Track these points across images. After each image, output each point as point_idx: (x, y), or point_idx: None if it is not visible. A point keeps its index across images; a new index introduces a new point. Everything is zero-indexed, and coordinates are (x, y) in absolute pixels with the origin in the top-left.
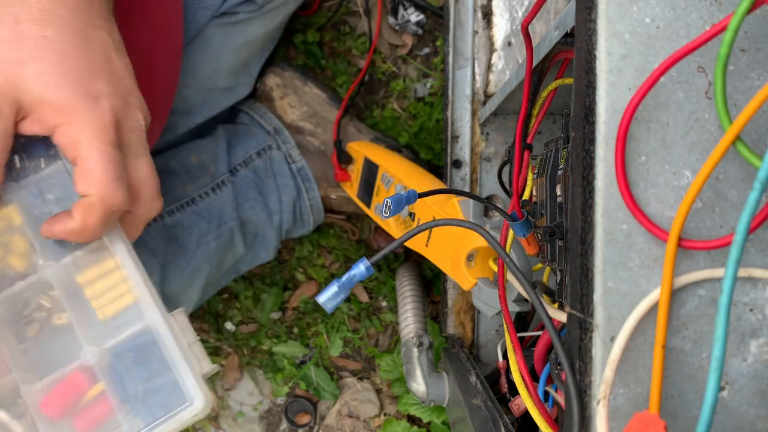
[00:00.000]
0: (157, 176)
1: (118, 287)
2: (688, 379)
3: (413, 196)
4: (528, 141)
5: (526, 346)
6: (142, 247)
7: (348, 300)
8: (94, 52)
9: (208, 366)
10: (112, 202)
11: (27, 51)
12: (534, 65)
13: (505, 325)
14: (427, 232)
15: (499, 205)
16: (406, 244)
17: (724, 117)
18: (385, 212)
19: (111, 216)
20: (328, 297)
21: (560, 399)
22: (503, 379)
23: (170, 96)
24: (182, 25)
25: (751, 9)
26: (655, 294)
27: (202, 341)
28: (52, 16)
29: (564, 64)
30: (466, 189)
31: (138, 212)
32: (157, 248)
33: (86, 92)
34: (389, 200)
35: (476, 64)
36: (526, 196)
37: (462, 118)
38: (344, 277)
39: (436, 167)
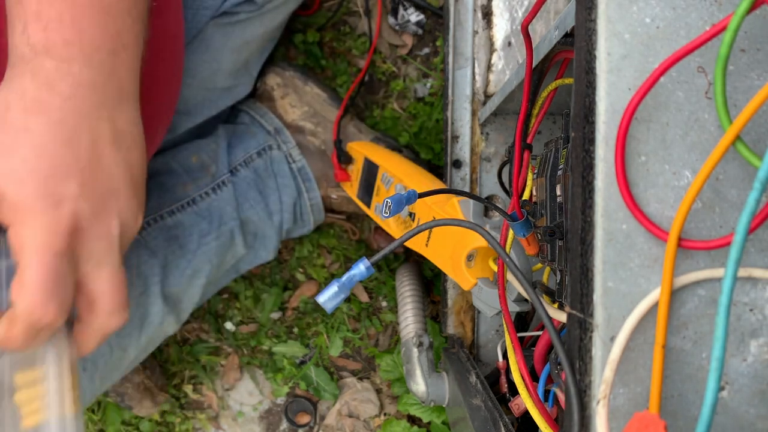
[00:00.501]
0: (123, 289)
1: (41, 400)
2: (688, 379)
3: (413, 196)
4: (528, 141)
5: (526, 346)
6: (142, 248)
7: (348, 300)
8: (78, 149)
9: None
10: (38, 318)
11: (7, 141)
12: (534, 65)
13: (505, 325)
14: (427, 232)
15: (499, 205)
16: (406, 244)
17: (724, 117)
18: (385, 212)
19: (37, 332)
20: (328, 297)
21: (563, 397)
22: (503, 379)
23: (173, 104)
24: (183, 34)
25: (751, 9)
26: (655, 294)
27: (202, 341)
28: (42, 107)
29: (564, 64)
30: (466, 189)
31: (92, 323)
32: (158, 248)
33: (48, 194)
34: (389, 200)
35: (476, 64)
36: (526, 196)
37: (462, 118)
38: (344, 277)
39: (436, 167)
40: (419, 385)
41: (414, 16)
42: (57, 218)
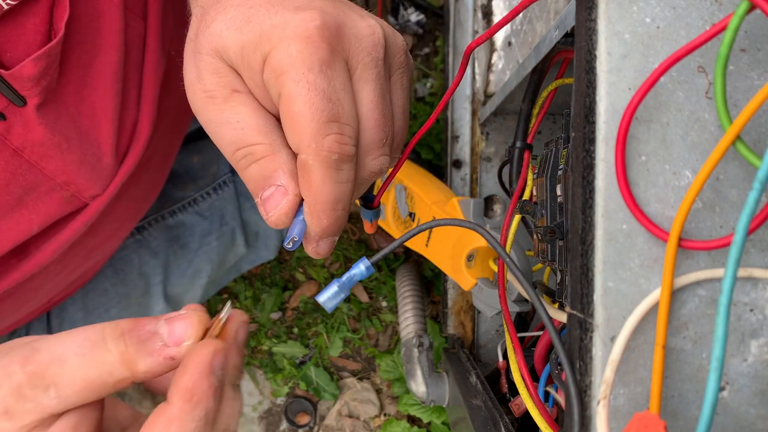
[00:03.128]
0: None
1: None
2: (688, 379)
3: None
4: (528, 141)
5: (527, 346)
6: (144, 248)
7: (348, 300)
8: None
9: None
10: (336, 148)
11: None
12: (534, 65)
13: (505, 325)
14: (427, 232)
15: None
16: (407, 244)
17: (724, 117)
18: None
19: (338, 171)
20: (328, 297)
21: (561, 399)
22: (503, 379)
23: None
24: None
25: (751, 9)
26: (655, 294)
27: None
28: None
29: (564, 64)
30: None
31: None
32: (159, 249)
33: (290, 3)
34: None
35: (476, 64)
36: (526, 195)
37: (462, 118)
38: (344, 277)
39: (437, 167)
40: (419, 385)
41: (414, 15)
42: (306, 18)
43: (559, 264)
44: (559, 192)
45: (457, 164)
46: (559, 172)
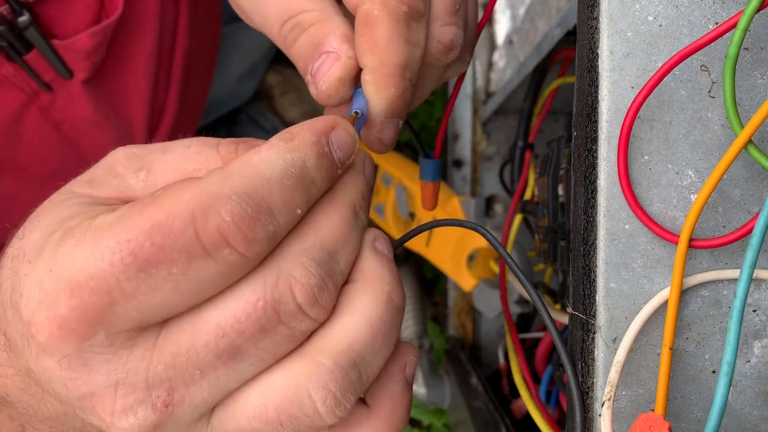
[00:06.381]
0: None
1: None
2: (690, 380)
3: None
4: (529, 140)
5: (528, 347)
6: None
7: None
8: None
9: None
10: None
11: None
12: (536, 63)
13: (506, 327)
14: (427, 232)
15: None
16: (407, 244)
17: (735, 120)
18: None
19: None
20: None
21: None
22: (505, 381)
23: (207, 91)
24: (220, 20)
25: (761, 7)
26: (662, 295)
27: None
28: None
29: (566, 63)
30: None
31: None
32: None
33: None
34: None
35: (477, 63)
36: (527, 195)
37: (463, 117)
38: None
39: None
40: (420, 387)
41: None
42: None
43: (561, 264)
44: (560, 192)
45: (458, 164)
46: (561, 172)
